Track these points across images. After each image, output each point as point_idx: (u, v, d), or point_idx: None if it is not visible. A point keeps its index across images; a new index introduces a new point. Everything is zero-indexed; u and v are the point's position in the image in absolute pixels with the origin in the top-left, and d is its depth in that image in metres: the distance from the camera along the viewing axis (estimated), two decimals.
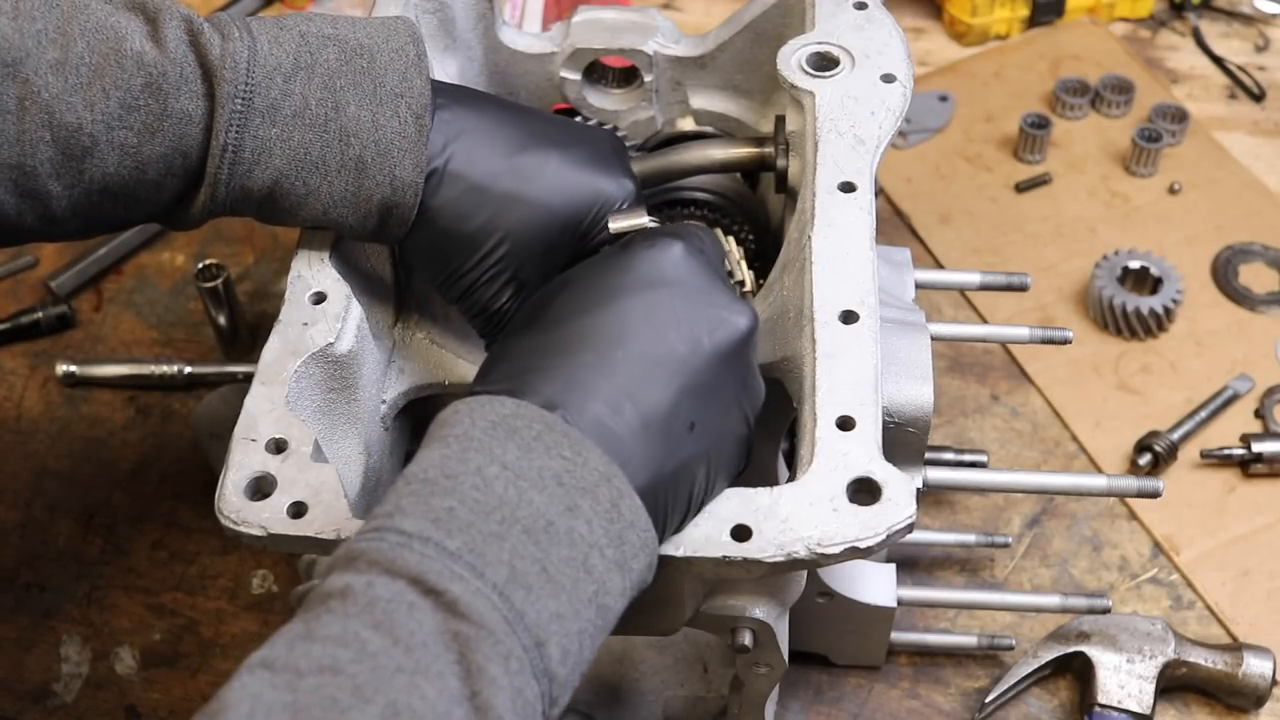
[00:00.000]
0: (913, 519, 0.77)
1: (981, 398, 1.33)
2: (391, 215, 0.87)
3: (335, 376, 0.88)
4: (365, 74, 0.85)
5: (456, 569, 0.66)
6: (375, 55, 0.86)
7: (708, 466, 0.77)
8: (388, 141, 0.85)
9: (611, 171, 0.91)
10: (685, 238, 0.82)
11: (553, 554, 0.68)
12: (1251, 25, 1.68)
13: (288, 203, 0.86)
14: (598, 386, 0.75)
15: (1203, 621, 1.17)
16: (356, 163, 0.85)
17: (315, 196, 0.86)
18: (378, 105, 0.85)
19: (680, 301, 0.79)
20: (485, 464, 0.70)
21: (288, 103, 0.84)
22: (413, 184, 0.86)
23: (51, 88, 0.81)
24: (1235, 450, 1.25)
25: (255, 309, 1.41)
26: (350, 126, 0.85)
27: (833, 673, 1.15)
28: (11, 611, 1.21)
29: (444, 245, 0.89)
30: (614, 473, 0.71)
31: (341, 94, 0.85)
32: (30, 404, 1.35)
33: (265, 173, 0.84)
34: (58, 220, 0.86)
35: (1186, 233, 1.45)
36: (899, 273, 1.10)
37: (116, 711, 1.15)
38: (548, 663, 0.67)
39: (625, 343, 0.76)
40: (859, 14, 1.03)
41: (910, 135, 1.55)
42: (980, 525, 1.23)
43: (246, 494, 0.80)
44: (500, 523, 0.68)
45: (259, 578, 1.22)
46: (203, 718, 0.61)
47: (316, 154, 0.85)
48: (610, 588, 0.71)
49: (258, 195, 0.86)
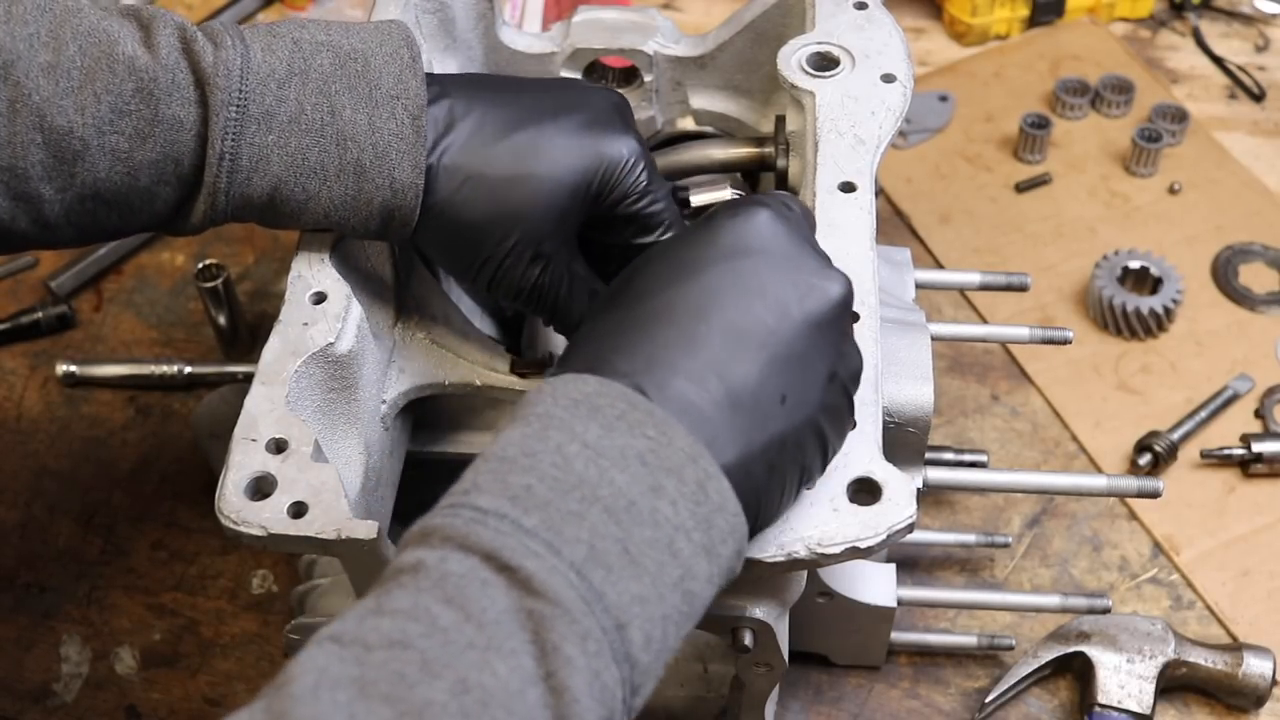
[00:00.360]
0: (913, 519, 0.77)
1: (981, 398, 1.33)
2: (394, 217, 0.87)
3: (335, 376, 0.88)
4: (360, 78, 0.85)
5: (533, 545, 0.64)
6: (369, 59, 0.86)
7: (805, 440, 0.74)
8: (385, 144, 0.85)
9: (612, 132, 0.90)
10: (771, 205, 0.78)
11: (635, 534, 0.66)
12: (1251, 25, 1.68)
13: (288, 208, 0.86)
14: (681, 362, 0.72)
15: (1203, 621, 1.17)
16: (355, 167, 0.85)
17: (315, 202, 0.86)
18: (374, 108, 0.85)
19: (767, 270, 0.75)
20: (565, 442, 0.68)
21: (283, 109, 0.84)
22: (412, 185, 0.86)
23: (43, 90, 0.81)
24: (1235, 450, 1.25)
25: (255, 309, 1.41)
26: (347, 131, 0.84)
27: (833, 673, 1.15)
28: (11, 611, 1.21)
29: (457, 239, 0.88)
30: (700, 453, 0.69)
31: (337, 99, 0.85)
32: (30, 404, 1.35)
33: (264, 180, 0.85)
34: (51, 226, 0.86)
35: (1186, 233, 1.45)
36: (899, 273, 1.10)
37: (116, 711, 1.15)
38: (629, 647, 0.64)
39: (709, 316, 0.73)
40: (859, 14, 1.03)
41: (910, 135, 1.55)
42: (980, 525, 1.23)
43: (246, 494, 0.80)
44: (580, 501, 0.66)
45: (259, 578, 1.22)
46: (270, 689, 0.60)
47: (314, 159, 0.85)
48: (697, 573, 0.68)
49: (258, 202, 0.86)
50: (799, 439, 0.74)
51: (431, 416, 1.00)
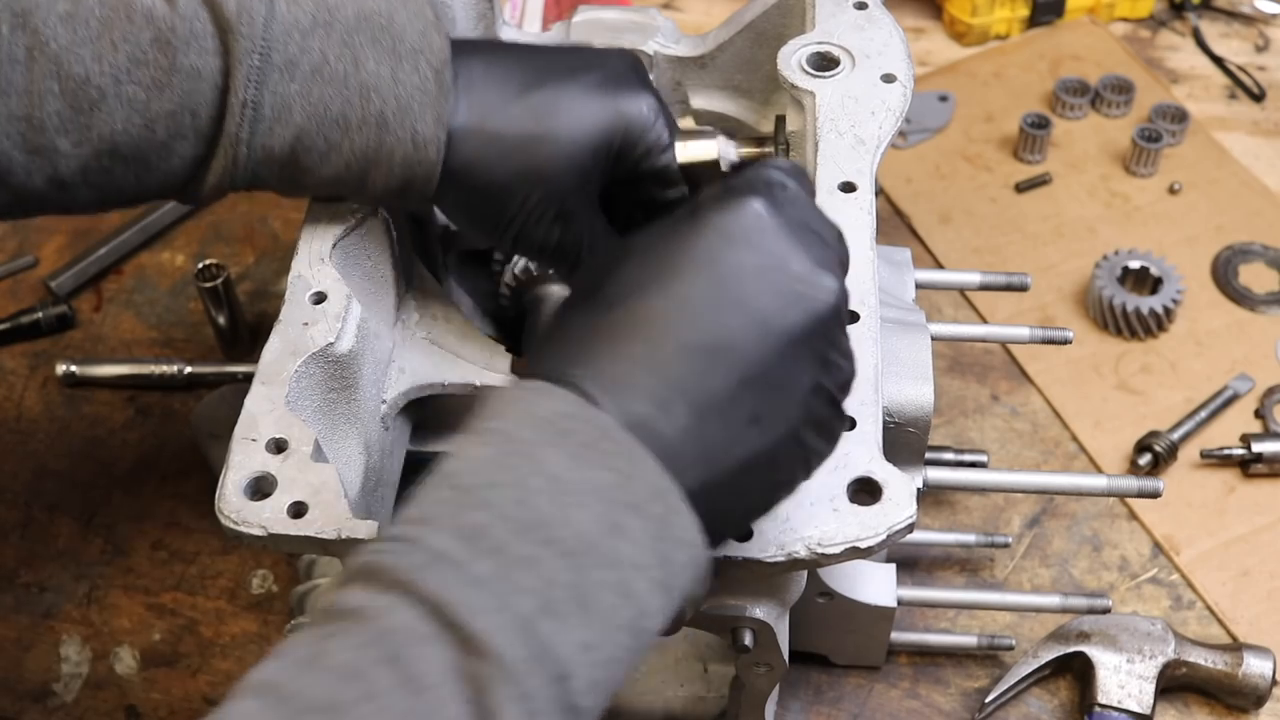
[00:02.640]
0: (913, 519, 0.77)
1: (981, 398, 1.33)
2: (415, 174, 0.86)
3: (335, 376, 0.88)
4: (384, 31, 0.85)
5: (480, 598, 0.62)
6: (393, 15, 0.86)
7: (780, 458, 0.71)
8: (408, 97, 0.85)
9: (630, 90, 0.90)
10: (764, 192, 0.73)
11: (590, 577, 0.64)
12: (1251, 25, 1.68)
13: (309, 160, 0.86)
14: (647, 383, 0.69)
15: (1203, 621, 1.17)
16: (378, 118, 0.85)
17: (337, 153, 0.85)
18: (397, 61, 0.85)
19: (750, 277, 0.71)
20: (529, 474, 0.65)
21: (306, 59, 0.84)
22: (434, 139, 0.85)
23: (60, 39, 0.82)
24: (1235, 450, 1.25)
25: (255, 309, 1.41)
26: (370, 82, 0.84)
27: (833, 673, 1.15)
28: (11, 611, 1.21)
29: (478, 201, 0.88)
30: (667, 488, 0.67)
31: (360, 50, 0.85)
32: (30, 404, 1.35)
33: (286, 130, 0.84)
34: (68, 185, 0.85)
35: (1186, 233, 1.45)
36: (899, 273, 1.10)
37: (116, 711, 1.15)
38: (572, 697, 0.62)
39: (680, 332, 0.70)
40: (859, 14, 1.03)
41: (910, 135, 1.55)
42: (980, 525, 1.23)
43: (246, 494, 0.80)
44: (536, 544, 0.64)
45: (259, 578, 1.22)
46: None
47: (337, 110, 0.84)
48: (650, 610, 0.66)
49: (280, 155, 0.85)
50: (773, 458, 0.71)
51: (431, 416, 1.00)
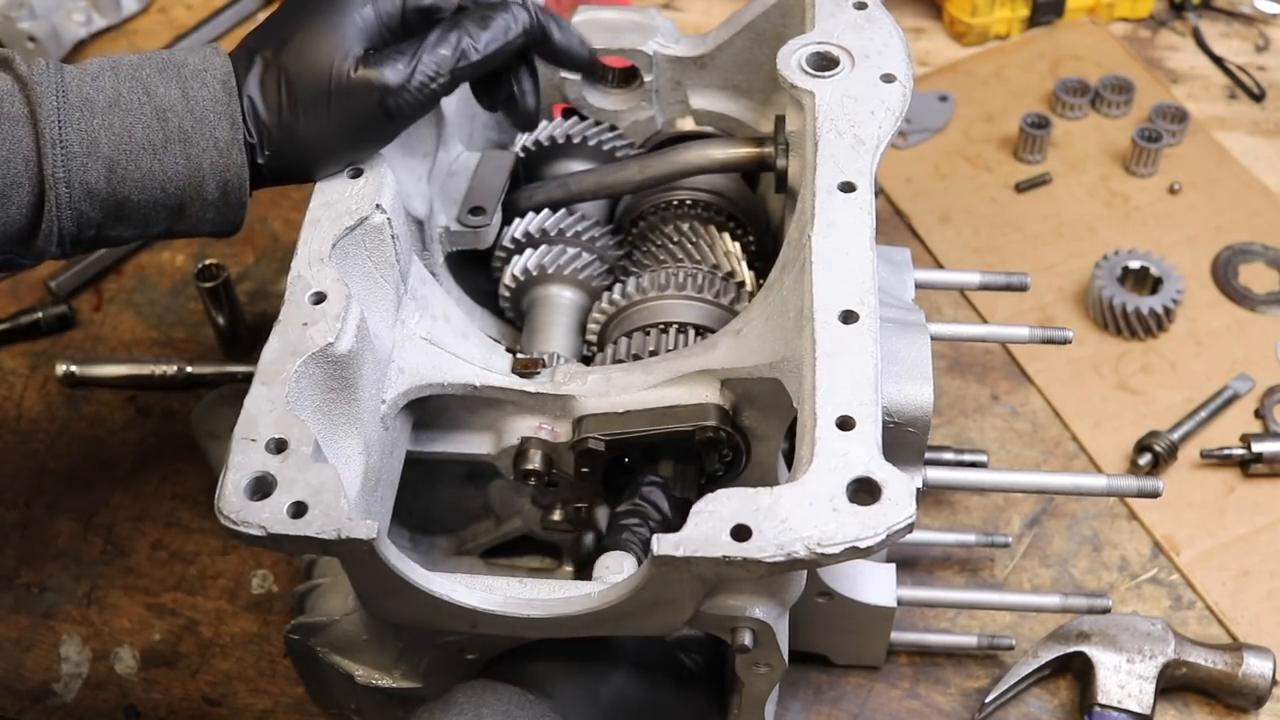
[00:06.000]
0: (913, 519, 0.77)
1: (981, 398, 1.33)
2: (228, 181, 0.92)
3: (335, 376, 0.88)
4: (166, 63, 0.93)
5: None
6: (174, 53, 0.94)
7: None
8: (202, 110, 0.91)
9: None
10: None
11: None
12: (1251, 25, 1.68)
13: (127, 189, 0.91)
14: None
15: (1203, 621, 1.17)
16: (180, 135, 0.91)
17: (151, 179, 0.91)
18: (184, 83, 0.92)
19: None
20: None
21: (101, 96, 0.91)
22: (234, 141, 0.91)
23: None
24: (1235, 450, 1.25)
25: (255, 309, 1.41)
26: (164, 104, 0.91)
27: (833, 673, 1.15)
28: (11, 611, 1.21)
29: (315, 152, 0.94)
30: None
31: (149, 80, 0.92)
32: (30, 404, 1.35)
33: (97, 164, 0.90)
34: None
35: (1186, 233, 1.45)
36: (899, 273, 1.10)
37: (116, 711, 1.15)
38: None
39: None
40: (859, 14, 1.02)
41: (910, 135, 1.55)
42: (980, 525, 1.23)
43: (246, 494, 0.80)
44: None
45: (259, 578, 1.22)
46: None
47: (141, 135, 0.91)
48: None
49: (99, 190, 0.91)
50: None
51: (431, 416, 1.00)
